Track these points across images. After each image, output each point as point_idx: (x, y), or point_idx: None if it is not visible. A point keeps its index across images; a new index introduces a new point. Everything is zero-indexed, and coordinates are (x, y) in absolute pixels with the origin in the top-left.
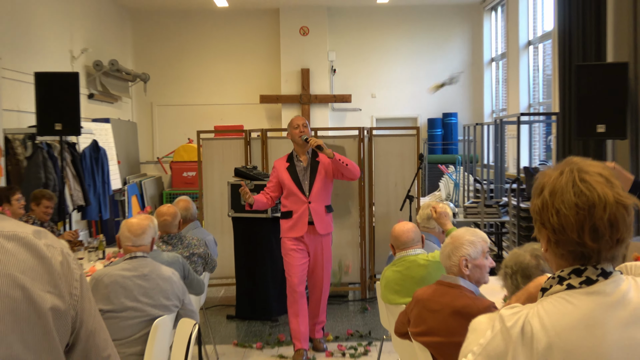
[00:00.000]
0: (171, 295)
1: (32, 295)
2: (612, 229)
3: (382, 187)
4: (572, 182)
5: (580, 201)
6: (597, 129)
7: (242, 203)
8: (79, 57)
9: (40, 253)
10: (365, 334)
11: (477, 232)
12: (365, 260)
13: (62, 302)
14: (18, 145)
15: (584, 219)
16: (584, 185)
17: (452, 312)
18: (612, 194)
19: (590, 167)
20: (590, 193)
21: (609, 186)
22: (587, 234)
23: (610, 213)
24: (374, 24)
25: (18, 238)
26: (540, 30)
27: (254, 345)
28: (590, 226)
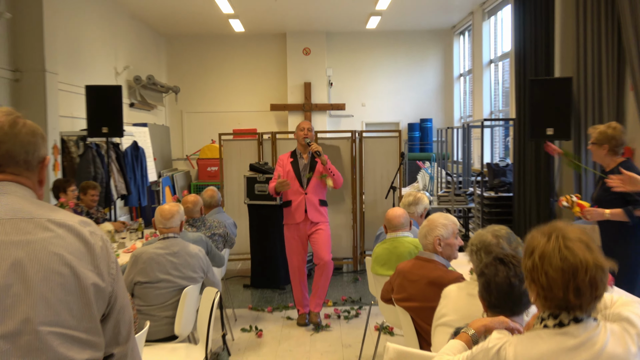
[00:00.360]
0: (197, 269)
1: (78, 272)
2: (592, 288)
3: (370, 179)
4: (558, 249)
5: (565, 265)
6: (546, 132)
7: (257, 193)
8: (122, 72)
9: (84, 238)
10: (356, 299)
11: (449, 216)
12: (357, 239)
13: (101, 280)
14: (72, 145)
15: (569, 280)
16: (568, 252)
17: (428, 282)
18: (592, 259)
19: (572, 233)
20: (574, 259)
21: (589, 251)
22: (571, 292)
23: (590, 275)
24: (364, 46)
25: (67, 225)
26: (500, 51)
27: (265, 309)
28: (574, 286)
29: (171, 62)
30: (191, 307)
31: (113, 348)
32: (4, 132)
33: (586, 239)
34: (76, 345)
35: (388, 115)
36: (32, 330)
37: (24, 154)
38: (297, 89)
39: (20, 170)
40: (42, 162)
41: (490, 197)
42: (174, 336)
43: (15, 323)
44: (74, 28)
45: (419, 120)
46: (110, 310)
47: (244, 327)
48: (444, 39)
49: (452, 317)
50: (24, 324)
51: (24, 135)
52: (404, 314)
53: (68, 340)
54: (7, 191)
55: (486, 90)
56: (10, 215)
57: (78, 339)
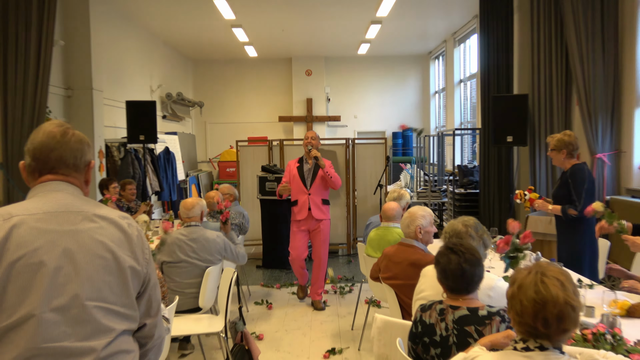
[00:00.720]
0: (214, 252)
1: (118, 256)
2: (559, 322)
3: (361, 178)
4: (534, 282)
5: (537, 297)
6: (507, 139)
7: (267, 190)
8: (156, 90)
9: (123, 229)
10: (350, 277)
11: (426, 209)
12: (350, 228)
13: (137, 264)
14: (114, 150)
15: (539, 311)
16: (542, 286)
17: (409, 264)
18: (563, 296)
19: (550, 272)
20: (546, 292)
21: (562, 289)
22: (540, 322)
23: (558, 310)
24: (356, 68)
25: (109, 218)
26: (468, 72)
27: (274, 286)
28: (542, 317)
29: (197, 81)
30: (213, 284)
31: (145, 319)
32: (57, 141)
33: (563, 278)
34: (116, 317)
35: (376, 125)
36: (79, 304)
37: (73, 158)
38: (301, 104)
39: (70, 171)
40: (88, 165)
41: (460, 193)
42: (199, 308)
43: (66, 299)
44: (116, 53)
45: (401, 130)
46: (144, 289)
47: (256, 300)
48: (421, 62)
49: (429, 292)
50: (73, 299)
51: (73, 143)
52: (389, 290)
53: (109, 313)
54: (59, 189)
55: (457, 105)
56: (63, 208)
57: (117, 312)
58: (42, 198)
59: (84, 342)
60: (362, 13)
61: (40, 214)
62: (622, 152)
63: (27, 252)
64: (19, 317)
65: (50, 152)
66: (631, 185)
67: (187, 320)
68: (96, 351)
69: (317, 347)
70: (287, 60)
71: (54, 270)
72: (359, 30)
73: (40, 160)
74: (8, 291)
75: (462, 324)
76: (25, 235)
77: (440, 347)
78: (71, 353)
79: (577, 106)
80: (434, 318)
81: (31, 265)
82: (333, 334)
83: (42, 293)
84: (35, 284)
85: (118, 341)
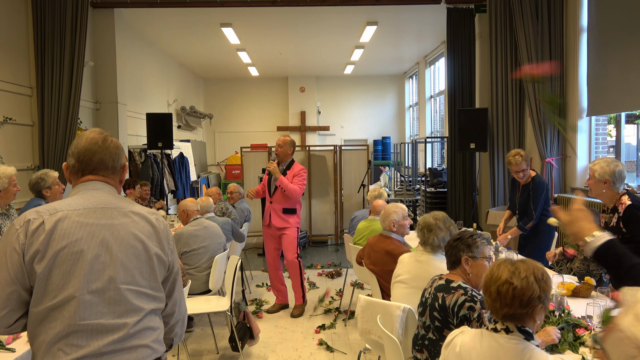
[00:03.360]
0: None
1: (147, 246)
2: (499, 296)
3: (347, 179)
4: (492, 267)
5: (488, 276)
6: (470, 146)
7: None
8: (172, 104)
9: (152, 223)
10: (337, 264)
11: (399, 205)
12: (337, 221)
13: (162, 253)
14: (136, 155)
15: (487, 286)
16: (496, 269)
17: (385, 252)
18: (507, 277)
19: (518, 264)
20: (495, 272)
21: (511, 273)
22: (488, 295)
23: (498, 286)
24: (342, 85)
25: (140, 214)
26: (437, 89)
27: None
28: (489, 292)
29: (207, 97)
30: (220, 269)
31: (169, 299)
32: (99, 146)
33: (524, 268)
34: (145, 299)
35: (359, 134)
36: (114, 287)
37: (112, 161)
38: (296, 116)
39: (108, 173)
40: (123, 167)
41: (431, 191)
42: (209, 290)
43: (103, 282)
44: (138, 72)
45: (380, 138)
46: (169, 274)
47: (258, 283)
48: (398, 81)
49: (405, 276)
50: (109, 282)
51: (112, 148)
52: (371, 274)
53: (140, 295)
54: (99, 188)
55: (428, 117)
56: (101, 205)
57: (147, 294)
58: (84, 195)
59: (118, 319)
60: (348, 39)
61: (81, 209)
62: (568, 157)
63: (69, 242)
64: (62, 298)
65: (93, 156)
66: (575, 184)
67: (199, 300)
68: (127, 327)
69: (310, 323)
70: (284, 79)
71: (92, 258)
72: (345, 53)
73: (83, 162)
74: (53, 276)
75: (437, 290)
76: (68, 227)
77: (422, 306)
78: (106, 329)
79: (529, 118)
80: (428, 285)
81: (73, 254)
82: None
83: (82, 278)
84: (76, 270)
85: (146, 319)
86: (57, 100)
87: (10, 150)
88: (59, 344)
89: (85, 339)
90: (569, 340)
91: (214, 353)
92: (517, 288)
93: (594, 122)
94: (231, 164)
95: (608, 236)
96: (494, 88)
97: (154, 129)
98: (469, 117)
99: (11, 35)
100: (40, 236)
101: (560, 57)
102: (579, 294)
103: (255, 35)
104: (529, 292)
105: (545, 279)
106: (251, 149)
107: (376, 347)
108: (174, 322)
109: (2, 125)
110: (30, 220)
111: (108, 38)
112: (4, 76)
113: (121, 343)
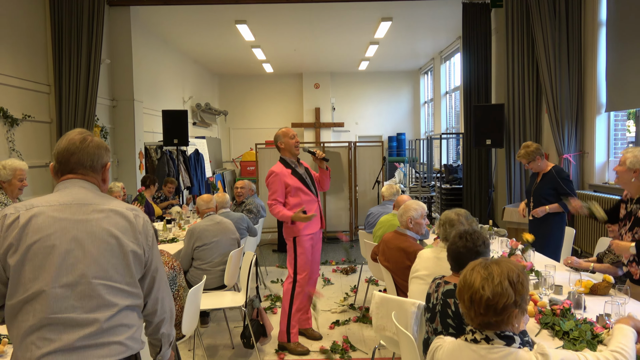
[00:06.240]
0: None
1: (121, 242)
2: (472, 304)
3: (361, 175)
4: (464, 273)
5: (461, 283)
6: (486, 142)
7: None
8: (187, 101)
9: (129, 219)
10: (352, 260)
11: (420, 203)
12: (352, 217)
13: (139, 249)
14: (152, 152)
15: (461, 294)
16: (469, 275)
17: (399, 249)
18: (480, 283)
19: (492, 266)
20: (468, 279)
21: (484, 278)
22: (463, 304)
23: (471, 293)
24: (357, 81)
25: (116, 210)
26: (453, 85)
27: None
28: (462, 299)
29: (222, 93)
30: (235, 265)
31: (148, 298)
32: (77, 147)
33: (497, 272)
34: (120, 294)
35: (374, 130)
36: (86, 282)
37: (90, 161)
38: (310, 112)
39: (87, 171)
40: (104, 166)
41: (446, 188)
42: (224, 285)
43: (74, 277)
44: (154, 70)
45: (395, 134)
46: (147, 270)
47: (272, 279)
48: (413, 77)
49: (423, 272)
50: (81, 277)
51: (91, 148)
52: (386, 271)
53: (113, 290)
54: (80, 185)
55: (443, 113)
56: (77, 201)
57: (121, 289)
58: (61, 192)
59: (89, 314)
60: (363, 35)
61: (56, 205)
62: (585, 153)
63: (42, 236)
64: (33, 292)
65: (71, 156)
66: (593, 181)
67: (214, 296)
68: (99, 322)
69: (324, 319)
70: (299, 75)
71: (64, 253)
72: (360, 50)
73: (62, 163)
74: (25, 269)
75: (446, 296)
76: (42, 222)
77: (430, 312)
78: (77, 323)
79: (546, 114)
80: (432, 289)
81: (45, 248)
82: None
83: (53, 272)
84: (47, 263)
85: (120, 315)
86: (74, 98)
87: (28, 147)
88: (32, 337)
89: (56, 332)
90: (586, 338)
91: (229, 348)
92: (490, 297)
93: (613, 118)
94: (246, 160)
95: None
96: (511, 83)
97: (169, 126)
98: (485, 113)
99: (29, 33)
100: (14, 230)
101: (578, 52)
102: (596, 292)
103: (269, 32)
104: (503, 299)
105: (522, 281)
106: (266, 146)
107: (391, 344)
108: (157, 321)
109: (20, 122)
110: (7, 215)
111: (124, 35)
112: (22, 74)
113: (93, 338)
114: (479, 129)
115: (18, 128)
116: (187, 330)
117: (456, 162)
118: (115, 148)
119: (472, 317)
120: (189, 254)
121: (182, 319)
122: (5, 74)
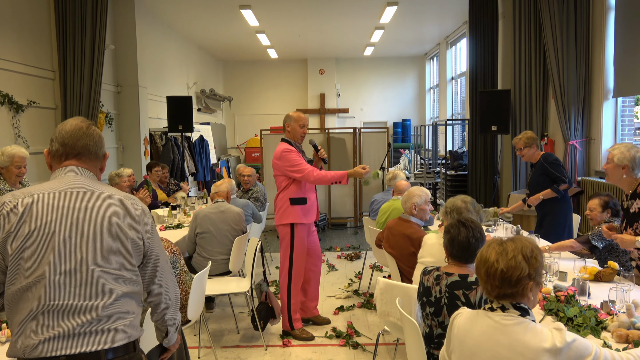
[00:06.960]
0: (239, 223)
1: (120, 229)
2: (488, 278)
3: (366, 161)
4: (482, 250)
5: (478, 259)
6: (492, 128)
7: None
8: (192, 87)
9: (127, 207)
10: (357, 246)
11: (424, 189)
12: (357, 204)
13: (137, 237)
14: (157, 138)
15: (478, 269)
16: (485, 251)
17: (403, 236)
18: (495, 257)
19: (508, 243)
20: (484, 254)
21: (499, 254)
22: (481, 279)
23: (486, 268)
24: (362, 67)
25: (115, 198)
26: (459, 70)
27: None
28: (479, 274)
29: (226, 79)
30: (240, 251)
31: (151, 286)
32: (83, 132)
33: (511, 247)
34: (119, 281)
35: (379, 116)
36: (85, 269)
37: (95, 148)
38: (315, 98)
39: (91, 158)
40: (104, 156)
41: (451, 174)
42: (229, 272)
43: (73, 264)
44: (158, 55)
45: (401, 120)
46: (148, 258)
47: (277, 265)
48: (418, 62)
49: (428, 259)
50: (79, 264)
51: (95, 136)
52: (390, 257)
53: (112, 277)
54: (79, 172)
55: (449, 99)
56: (77, 188)
57: (120, 276)
58: (60, 179)
59: (88, 301)
60: (368, 20)
61: (55, 192)
62: (592, 140)
63: (41, 224)
64: (33, 279)
65: (77, 141)
66: (599, 168)
67: (219, 282)
68: (98, 309)
69: (329, 304)
70: (303, 61)
71: (63, 240)
72: (365, 35)
73: (68, 146)
74: (24, 257)
75: (453, 288)
76: (40, 210)
77: (434, 306)
78: (76, 310)
79: (553, 100)
80: (431, 282)
81: (44, 235)
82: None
83: (53, 259)
84: (47, 251)
85: (119, 302)
86: (79, 84)
87: (34, 133)
88: (31, 324)
89: (55, 319)
90: (590, 324)
91: (235, 333)
92: (503, 270)
93: (620, 104)
94: (251, 146)
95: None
96: (517, 69)
97: (174, 112)
98: (491, 99)
99: (33, 19)
100: (13, 218)
101: (586, 36)
102: (601, 279)
103: (274, 17)
104: (517, 272)
105: (535, 255)
106: (270, 132)
107: (395, 329)
108: (162, 308)
109: (25, 108)
110: (5, 202)
111: (128, 21)
112: (27, 60)
113: (92, 325)
114: (485, 115)
115: (23, 114)
116: (192, 316)
117: (461, 148)
118: (120, 134)
119: (489, 290)
120: (192, 238)
121: (188, 304)
122: (10, 60)
